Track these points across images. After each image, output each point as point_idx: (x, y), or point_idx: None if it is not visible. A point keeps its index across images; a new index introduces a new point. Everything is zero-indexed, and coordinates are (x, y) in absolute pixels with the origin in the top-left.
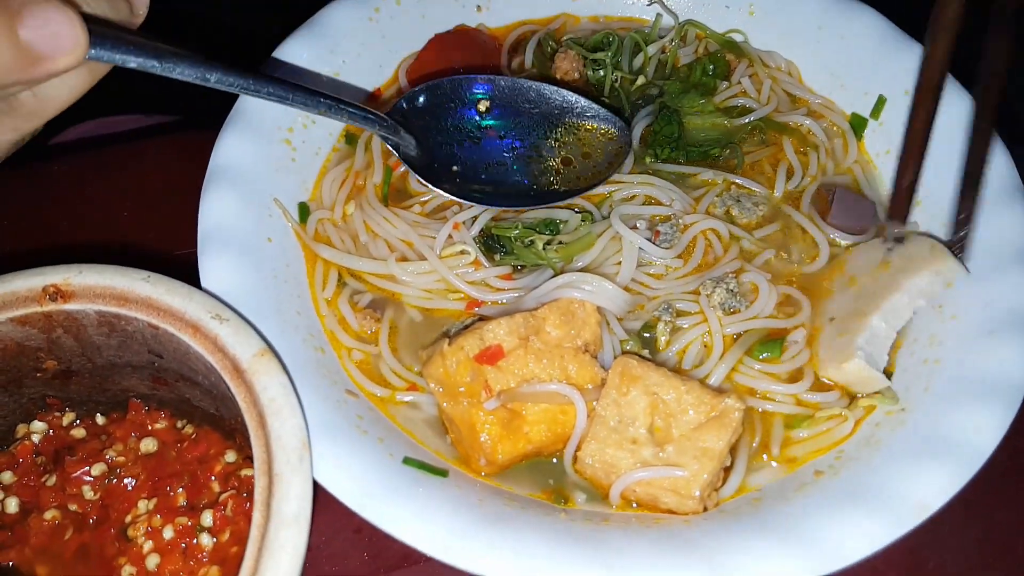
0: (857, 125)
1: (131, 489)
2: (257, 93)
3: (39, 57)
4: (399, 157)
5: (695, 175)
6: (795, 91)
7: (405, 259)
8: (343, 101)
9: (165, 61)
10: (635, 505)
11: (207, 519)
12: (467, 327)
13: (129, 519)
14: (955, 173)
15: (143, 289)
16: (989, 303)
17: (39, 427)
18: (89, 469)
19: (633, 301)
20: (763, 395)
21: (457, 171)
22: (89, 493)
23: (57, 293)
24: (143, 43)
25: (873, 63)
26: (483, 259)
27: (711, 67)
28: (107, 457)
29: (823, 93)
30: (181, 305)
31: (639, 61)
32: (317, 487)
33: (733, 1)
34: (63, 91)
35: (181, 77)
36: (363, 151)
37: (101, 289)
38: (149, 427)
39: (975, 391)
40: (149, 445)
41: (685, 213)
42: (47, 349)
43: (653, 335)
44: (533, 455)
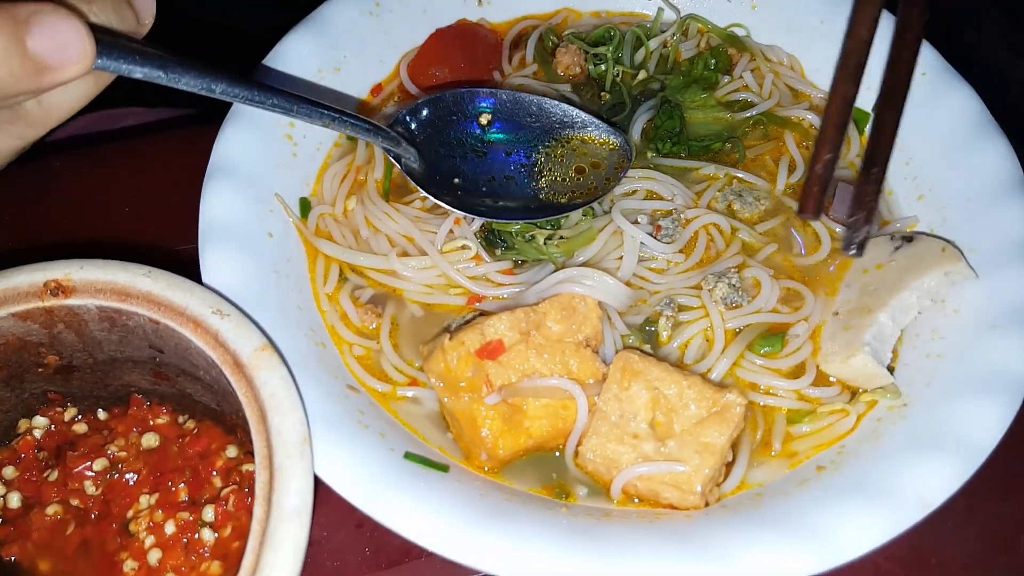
0: (859, 119)
1: (133, 484)
2: (262, 104)
3: (46, 67)
4: (401, 169)
5: (697, 169)
6: (797, 85)
7: (406, 254)
8: (346, 113)
9: (171, 71)
10: (636, 500)
11: (209, 514)
12: (468, 322)
13: (131, 514)
14: (959, 168)
15: (144, 284)
16: (991, 298)
17: (41, 422)
18: (91, 464)
19: (634, 296)
20: (765, 390)
21: (458, 183)
22: (91, 488)
23: (58, 288)
24: (149, 53)
25: (875, 58)
26: (484, 254)
27: (713, 61)
28: (109, 452)
29: (825, 87)
30: (182, 300)
31: (641, 56)
32: (318, 482)
33: None
34: (68, 100)
35: (187, 88)
36: (364, 147)
37: (102, 284)
38: (150, 422)
39: (977, 386)
40: (150, 440)
41: (687, 208)
42: (48, 344)
43: (655, 330)
44: (534, 450)
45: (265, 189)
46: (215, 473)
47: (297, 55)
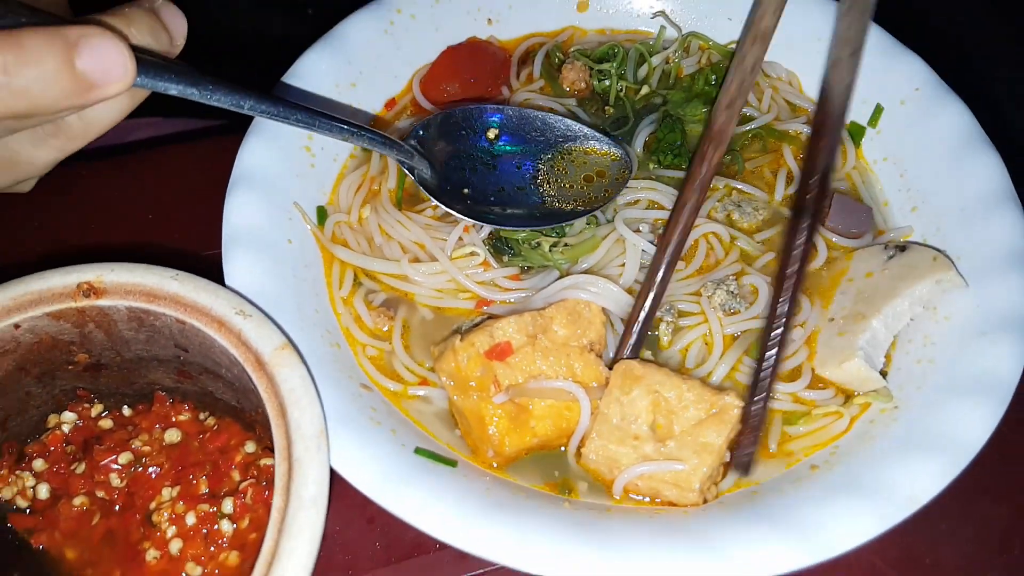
0: (855, 133)
1: (155, 477)
2: (286, 120)
3: (93, 85)
4: (415, 180)
5: None
6: (795, 100)
7: (417, 260)
8: (363, 128)
9: (203, 89)
10: (637, 497)
11: (228, 506)
12: (477, 325)
13: (153, 506)
14: (951, 180)
15: (171, 286)
16: (981, 305)
17: (69, 417)
18: (116, 458)
19: None
20: None
21: (468, 194)
22: (116, 481)
23: (90, 289)
24: (184, 71)
25: (871, 73)
26: (492, 260)
27: (713, 77)
28: (133, 447)
29: None
30: (207, 301)
31: (643, 71)
32: (333, 475)
33: (735, 13)
34: (107, 114)
35: (218, 104)
36: (378, 158)
37: (132, 286)
38: (173, 419)
39: (966, 389)
40: (173, 436)
41: None
42: (79, 343)
43: (656, 334)
44: (538, 448)
45: (284, 198)
46: (234, 467)
47: (315, 71)
